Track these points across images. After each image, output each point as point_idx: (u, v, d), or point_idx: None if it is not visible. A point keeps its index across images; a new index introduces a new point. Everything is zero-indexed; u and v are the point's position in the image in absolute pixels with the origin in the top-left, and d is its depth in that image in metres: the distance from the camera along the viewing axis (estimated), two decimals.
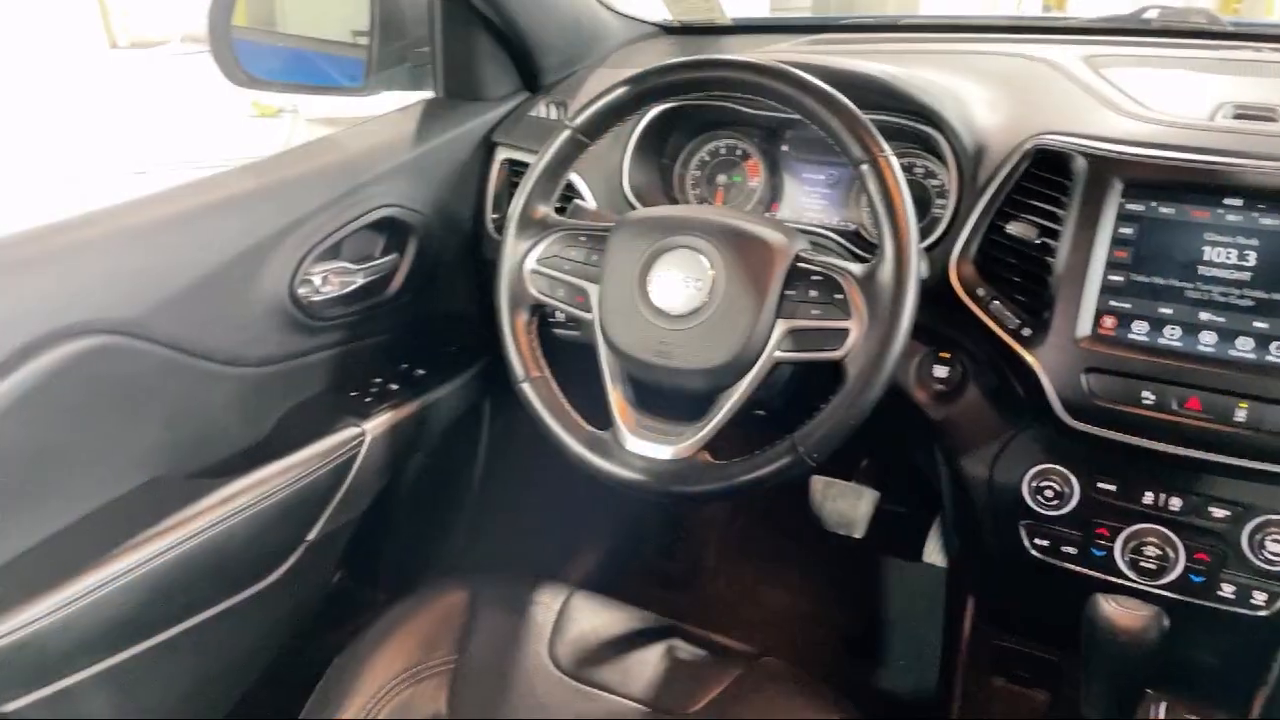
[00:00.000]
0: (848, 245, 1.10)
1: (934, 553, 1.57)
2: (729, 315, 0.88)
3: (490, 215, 1.31)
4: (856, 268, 0.87)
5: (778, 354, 0.87)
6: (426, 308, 1.29)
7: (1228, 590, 0.89)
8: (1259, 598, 0.88)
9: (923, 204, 1.09)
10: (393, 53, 1.31)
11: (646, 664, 1.00)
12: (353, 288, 1.17)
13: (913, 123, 1.05)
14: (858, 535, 1.47)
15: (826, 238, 1.10)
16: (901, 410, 1.04)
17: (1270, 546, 0.86)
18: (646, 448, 0.91)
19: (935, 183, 1.09)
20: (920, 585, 1.60)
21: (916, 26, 1.37)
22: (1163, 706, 1.03)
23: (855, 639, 1.69)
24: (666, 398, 0.94)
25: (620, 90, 0.96)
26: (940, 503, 1.11)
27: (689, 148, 1.26)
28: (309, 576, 1.15)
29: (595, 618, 1.06)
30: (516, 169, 1.29)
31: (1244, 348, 0.84)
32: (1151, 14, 1.28)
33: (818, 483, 1.48)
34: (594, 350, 0.95)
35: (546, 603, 1.08)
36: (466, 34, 1.29)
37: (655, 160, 1.24)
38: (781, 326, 0.87)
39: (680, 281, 0.90)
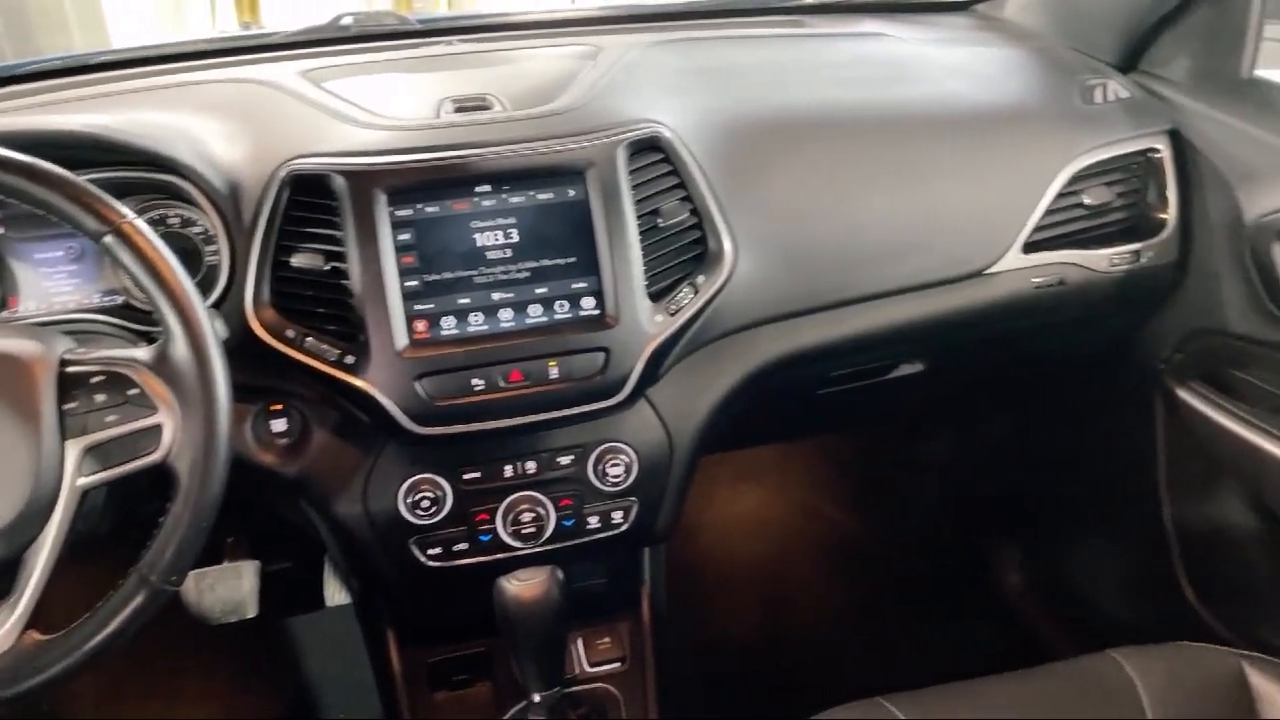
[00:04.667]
0: (123, 324, 0.95)
1: (336, 593, 1.51)
2: None
3: None
4: (143, 353, 0.75)
5: (82, 481, 0.73)
6: None
7: (594, 522, 1.00)
8: (617, 516, 1.01)
9: (193, 256, 0.97)
10: None
11: None
12: None
13: (146, 174, 0.93)
14: (252, 614, 1.34)
15: (94, 323, 0.94)
16: (253, 479, 0.95)
17: (610, 471, 0.99)
18: None
19: (198, 230, 0.98)
20: (336, 631, 1.52)
21: (112, 64, 1.21)
22: (580, 641, 1.14)
23: None
24: None
25: None
26: (323, 544, 1.05)
27: None
28: None
29: None
30: None
31: (535, 314, 0.93)
32: (348, 20, 1.32)
33: (189, 580, 1.31)
34: None
35: None
36: None
37: None
38: (74, 449, 0.73)
39: None
